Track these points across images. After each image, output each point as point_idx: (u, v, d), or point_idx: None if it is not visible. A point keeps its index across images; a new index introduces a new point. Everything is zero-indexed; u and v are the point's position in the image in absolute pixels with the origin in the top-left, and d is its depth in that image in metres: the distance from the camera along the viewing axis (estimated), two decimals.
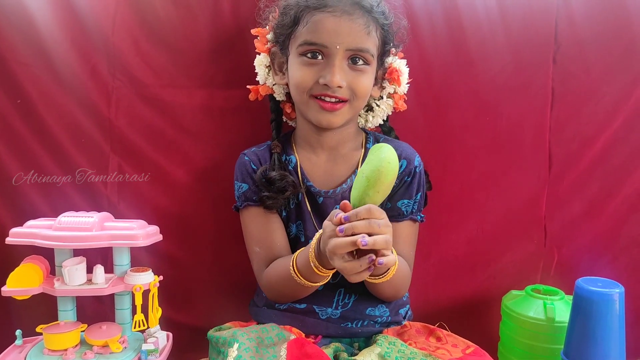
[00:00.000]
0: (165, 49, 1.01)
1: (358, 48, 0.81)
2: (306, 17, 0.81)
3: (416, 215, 0.90)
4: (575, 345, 0.88)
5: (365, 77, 0.83)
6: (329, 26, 0.79)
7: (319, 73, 0.81)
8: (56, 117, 1.02)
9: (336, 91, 0.81)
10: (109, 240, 0.86)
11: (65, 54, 1.00)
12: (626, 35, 1.06)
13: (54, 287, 0.85)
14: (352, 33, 0.79)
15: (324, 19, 0.79)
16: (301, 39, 0.82)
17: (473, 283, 1.12)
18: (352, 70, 0.82)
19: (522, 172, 1.10)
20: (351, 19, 0.79)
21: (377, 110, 0.95)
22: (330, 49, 0.80)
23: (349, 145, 0.91)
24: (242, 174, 0.91)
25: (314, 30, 0.80)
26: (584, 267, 1.08)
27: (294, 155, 0.91)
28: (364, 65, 0.83)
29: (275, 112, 0.97)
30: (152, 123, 1.03)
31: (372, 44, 0.82)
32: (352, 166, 0.90)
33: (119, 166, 1.04)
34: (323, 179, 0.89)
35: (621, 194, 1.09)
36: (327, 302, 0.86)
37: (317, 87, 0.81)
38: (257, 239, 0.89)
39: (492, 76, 1.06)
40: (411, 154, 0.90)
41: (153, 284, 0.87)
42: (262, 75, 0.94)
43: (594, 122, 1.08)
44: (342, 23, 0.79)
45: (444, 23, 1.04)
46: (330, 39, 0.79)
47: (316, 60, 0.81)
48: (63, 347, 0.84)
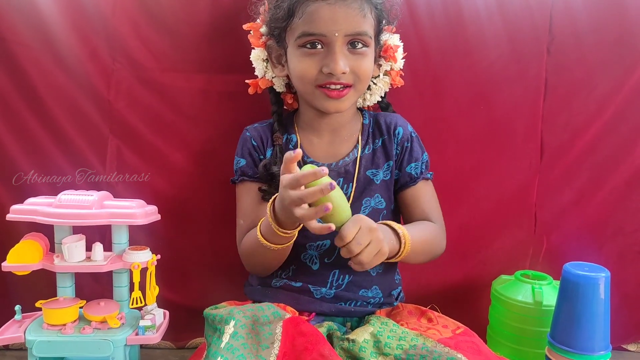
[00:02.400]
0: (165, 32, 1.02)
1: (356, 32, 0.82)
2: (301, 9, 0.82)
3: (426, 173, 0.95)
4: (562, 328, 0.90)
5: (366, 60, 0.85)
6: (325, 15, 0.80)
7: (321, 62, 0.82)
8: (56, 99, 1.03)
9: (341, 77, 0.82)
10: (108, 219, 0.87)
11: (65, 36, 1.01)
12: (619, 28, 1.08)
13: (53, 263, 0.87)
14: (348, 18, 0.80)
15: (319, 8, 0.80)
16: (299, 30, 0.83)
17: (464, 268, 1.14)
18: (353, 55, 0.83)
19: (514, 161, 1.12)
20: (346, 4, 0.80)
21: (375, 88, 0.97)
22: (329, 37, 0.81)
23: (350, 125, 0.94)
24: (242, 149, 0.93)
25: (311, 21, 0.81)
26: (572, 254, 1.11)
27: (295, 135, 0.93)
28: (363, 48, 0.84)
29: (276, 104, 0.97)
30: (151, 106, 1.04)
31: (368, 25, 0.84)
32: (352, 144, 0.92)
33: (118, 148, 1.05)
34: (326, 155, 0.92)
35: (610, 184, 1.12)
36: (321, 282, 0.88)
37: (321, 76, 0.83)
38: (243, 213, 0.91)
39: (487, 66, 1.08)
40: (404, 122, 0.95)
41: (151, 262, 0.89)
42: (260, 69, 0.95)
43: (586, 112, 1.10)
44: (337, 10, 0.80)
45: (442, 13, 1.05)
46: (327, 27, 0.80)
47: (316, 49, 0.83)
48: (62, 322, 0.86)
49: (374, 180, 0.91)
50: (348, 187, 0.90)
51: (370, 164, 0.91)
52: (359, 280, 0.89)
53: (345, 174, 0.90)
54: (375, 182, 0.91)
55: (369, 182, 0.90)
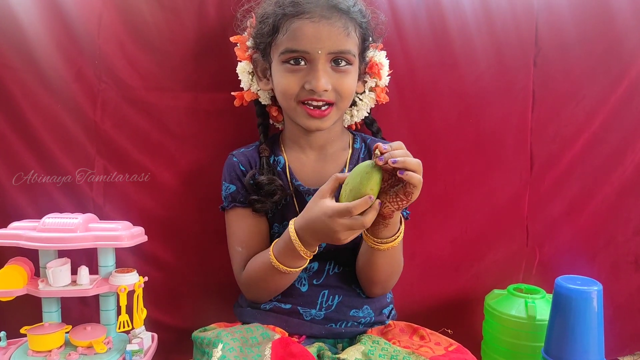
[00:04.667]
0: (151, 51, 1.01)
1: (339, 50, 0.82)
2: (285, 25, 0.82)
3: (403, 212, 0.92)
4: (556, 342, 0.90)
5: (349, 78, 0.85)
6: (309, 32, 0.81)
7: (303, 79, 0.83)
8: (42, 120, 1.01)
9: (322, 95, 0.83)
10: (93, 241, 0.86)
11: (50, 56, 1.00)
12: (604, 39, 1.09)
13: (38, 288, 0.85)
14: (332, 36, 0.81)
15: (302, 25, 0.81)
16: (282, 47, 0.83)
17: (457, 283, 1.13)
18: (336, 72, 0.84)
19: (504, 173, 1.12)
20: (330, 22, 0.81)
21: (361, 104, 0.97)
22: (312, 55, 0.81)
23: (337, 144, 0.93)
24: (230, 175, 0.92)
25: (294, 38, 0.81)
26: (564, 266, 1.10)
27: (282, 156, 0.92)
28: (347, 66, 0.84)
29: (261, 117, 0.97)
30: (138, 125, 1.03)
31: (352, 44, 0.84)
32: (340, 165, 0.91)
33: (105, 168, 1.04)
34: (312, 178, 0.90)
35: (601, 194, 1.12)
36: (311, 304, 0.87)
37: (303, 92, 0.83)
38: (240, 240, 0.90)
39: (474, 78, 1.08)
40: None
41: (138, 285, 0.88)
42: (246, 82, 0.95)
43: (574, 123, 1.10)
44: (321, 28, 0.80)
45: (428, 26, 1.06)
46: (311, 44, 0.81)
47: (299, 66, 0.83)
48: (47, 348, 0.84)
49: None
50: None
51: None
52: (349, 301, 0.88)
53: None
54: None
55: None
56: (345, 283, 0.89)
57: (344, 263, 0.90)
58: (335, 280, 0.89)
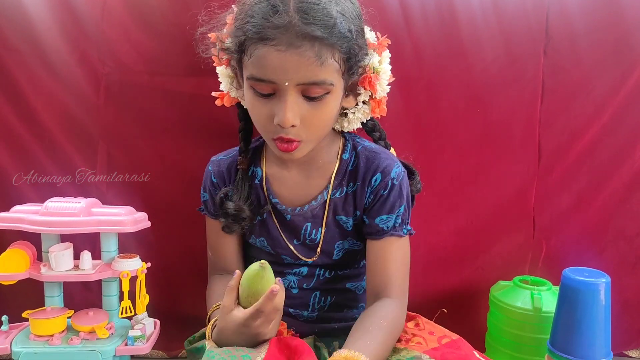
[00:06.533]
0: (155, 35, 1.00)
1: (310, 82, 0.69)
2: (250, 49, 0.70)
3: (400, 229, 0.81)
4: (561, 334, 0.89)
5: (325, 108, 0.72)
6: (274, 62, 0.67)
7: (272, 109, 0.71)
8: (44, 104, 1.01)
9: (289, 132, 0.71)
10: (96, 226, 0.85)
11: (54, 40, 0.99)
12: (616, 29, 1.06)
13: (40, 272, 0.85)
14: (301, 68, 0.67)
15: (267, 54, 0.67)
16: (247, 72, 0.71)
17: (462, 274, 1.12)
18: (309, 103, 0.71)
19: (512, 165, 1.10)
20: (298, 52, 0.66)
21: (352, 117, 0.82)
22: (279, 85, 0.69)
23: (323, 155, 0.82)
24: (204, 184, 0.88)
25: (259, 66, 0.69)
26: (571, 259, 1.09)
27: (261, 168, 0.84)
28: (322, 96, 0.71)
29: (244, 120, 0.86)
30: (142, 110, 1.03)
31: (328, 72, 0.69)
32: (327, 180, 0.82)
33: (108, 153, 1.03)
34: (294, 195, 0.83)
35: (609, 187, 1.10)
36: (302, 306, 0.84)
37: (272, 127, 0.72)
38: (210, 246, 0.90)
39: (483, 68, 1.06)
40: (388, 165, 0.80)
41: (140, 271, 0.87)
42: (226, 86, 0.86)
43: (584, 115, 1.09)
44: (288, 58, 0.66)
45: (436, 14, 1.04)
46: (276, 76, 0.68)
47: (268, 96, 0.71)
48: (49, 332, 0.84)
49: (344, 227, 0.83)
50: (317, 231, 0.82)
51: (340, 209, 0.82)
52: (344, 300, 0.85)
53: (313, 218, 0.82)
54: (346, 228, 0.83)
55: (339, 227, 0.82)
56: (338, 284, 0.86)
57: (335, 268, 0.86)
58: (326, 283, 0.85)
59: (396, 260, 0.81)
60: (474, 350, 0.73)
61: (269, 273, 0.69)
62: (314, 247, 0.83)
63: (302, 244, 0.84)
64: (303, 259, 0.85)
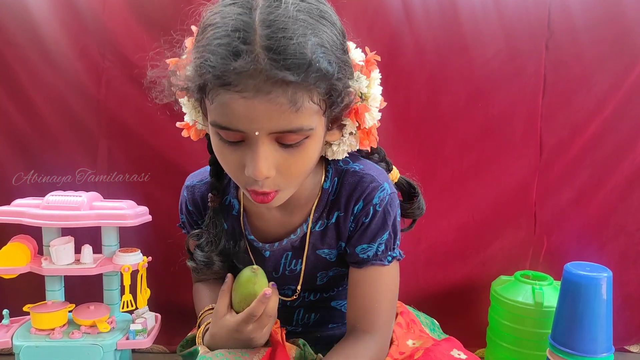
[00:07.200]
0: (156, 29, 1.00)
1: (285, 130, 0.57)
2: (211, 94, 0.57)
3: (383, 258, 0.71)
4: (563, 329, 0.88)
5: (303, 154, 0.61)
6: (240, 111, 0.55)
7: (242, 158, 0.59)
8: (45, 98, 1.01)
9: (264, 184, 0.60)
10: (97, 220, 0.85)
11: (54, 33, 0.99)
12: (618, 24, 1.06)
13: (41, 266, 0.85)
14: (272, 117, 0.55)
15: (231, 101, 0.55)
16: (211, 117, 0.59)
17: (463, 269, 1.12)
18: (285, 149, 0.59)
19: (513, 160, 1.10)
20: (269, 99, 0.54)
21: (338, 149, 0.69)
22: (248, 134, 0.57)
23: (304, 193, 0.73)
24: (181, 206, 0.81)
25: (224, 114, 0.57)
26: (572, 254, 1.09)
27: (238, 201, 0.75)
28: (301, 141, 0.59)
29: (213, 154, 0.68)
30: (142, 105, 1.02)
31: (305, 117, 0.57)
32: (307, 213, 0.73)
33: (108, 148, 1.03)
34: (273, 230, 0.75)
35: (610, 182, 1.10)
36: (287, 321, 0.82)
37: (244, 178, 0.61)
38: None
39: (484, 62, 1.06)
40: (372, 190, 0.70)
41: (142, 265, 0.87)
42: (190, 118, 0.71)
43: (585, 110, 1.08)
44: (256, 106, 0.55)
45: (437, 8, 1.04)
46: (244, 125, 0.56)
47: (236, 144, 0.59)
48: (50, 326, 0.84)
49: (326, 259, 0.75)
50: (297, 262, 0.76)
51: (320, 242, 0.74)
52: (328, 317, 0.82)
53: (293, 249, 0.75)
54: (329, 259, 0.75)
55: (320, 260, 0.75)
56: (323, 303, 0.82)
57: (321, 291, 0.81)
58: (311, 303, 0.81)
59: (378, 291, 0.72)
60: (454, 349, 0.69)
61: (262, 278, 0.66)
62: (296, 278, 0.77)
63: (282, 276, 0.78)
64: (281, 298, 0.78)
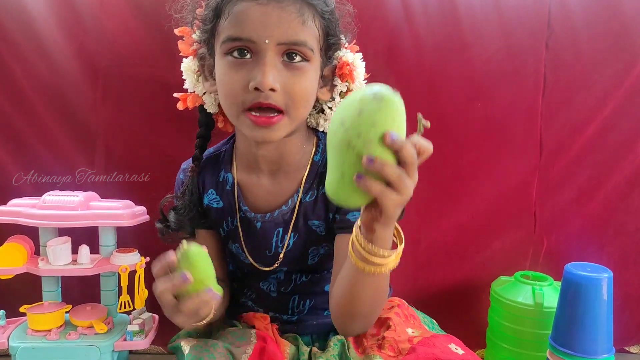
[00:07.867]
0: (154, 28, 0.99)
1: (292, 41, 0.66)
2: (228, 8, 0.66)
3: None
4: (563, 330, 0.88)
5: (304, 77, 0.68)
6: (254, 17, 0.65)
7: (248, 75, 0.66)
8: (42, 97, 1.00)
9: (269, 97, 0.65)
10: (94, 220, 0.85)
11: (51, 31, 0.98)
12: (618, 23, 1.06)
13: (38, 267, 0.84)
14: (282, 23, 0.65)
15: (247, 8, 0.65)
16: (224, 34, 0.67)
17: (462, 269, 1.12)
18: (288, 70, 0.67)
19: (513, 159, 1.09)
20: (280, 6, 0.64)
21: (330, 113, 0.78)
22: (258, 44, 0.65)
23: (296, 158, 0.76)
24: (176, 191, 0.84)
25: (237, 23, 0.65)
26: (572, 254, 1.09)
27: (232, 174, 0.79)
28: (302, 62, 0.67)
29: (204, 126, 0.81)
30: (141, 104, 1.02)
31: (309, 35, 0.67)
32: (297, 183, 0.76)
33: (107, 149, 1.02)
34: (265, 201, 0.78)
35: (611, 182, 1.09)
36: (282, 309, 0.81)
37: (248, 96, 0.66)
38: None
39: (484, 61, 1.05)
40: None
41: (139, 265, 0.87)
42: (191, 83, 0.80)
43: (585, 109, 1.08)
44: (270, 12, 0.64)
45: (437, 6, 1.03)
46: (256, 32, 0.65)
47: (244, 59, 0.66)
48: (47, 327, 0.84)
49: (316, 232, 0.77)
50: (289, 237, 0.77)
51: (311, 213, 0.76)
52: (322, 303, 0.81)
53: (284, 223, 0.77)
54: (319, 233, 0.77)
55: (311, 233, 0.77)
56: (316, 287, 0.82)
57: (312, 272, 0.82)
58: (304, 286, 0.82)
59: None
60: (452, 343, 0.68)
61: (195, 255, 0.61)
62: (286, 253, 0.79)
63: (274, 255, 0.79)
64: (262, 269, 0.79)
